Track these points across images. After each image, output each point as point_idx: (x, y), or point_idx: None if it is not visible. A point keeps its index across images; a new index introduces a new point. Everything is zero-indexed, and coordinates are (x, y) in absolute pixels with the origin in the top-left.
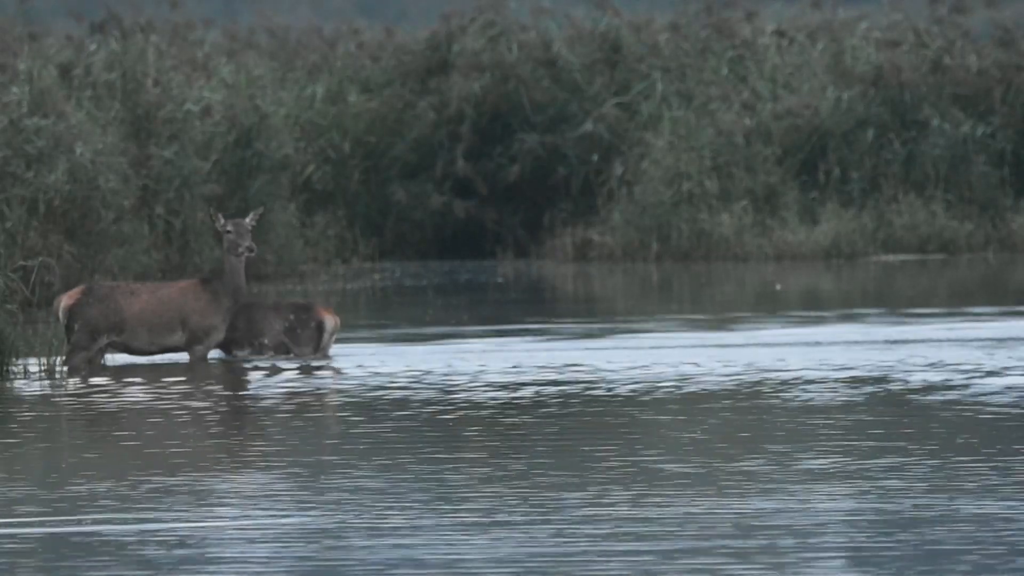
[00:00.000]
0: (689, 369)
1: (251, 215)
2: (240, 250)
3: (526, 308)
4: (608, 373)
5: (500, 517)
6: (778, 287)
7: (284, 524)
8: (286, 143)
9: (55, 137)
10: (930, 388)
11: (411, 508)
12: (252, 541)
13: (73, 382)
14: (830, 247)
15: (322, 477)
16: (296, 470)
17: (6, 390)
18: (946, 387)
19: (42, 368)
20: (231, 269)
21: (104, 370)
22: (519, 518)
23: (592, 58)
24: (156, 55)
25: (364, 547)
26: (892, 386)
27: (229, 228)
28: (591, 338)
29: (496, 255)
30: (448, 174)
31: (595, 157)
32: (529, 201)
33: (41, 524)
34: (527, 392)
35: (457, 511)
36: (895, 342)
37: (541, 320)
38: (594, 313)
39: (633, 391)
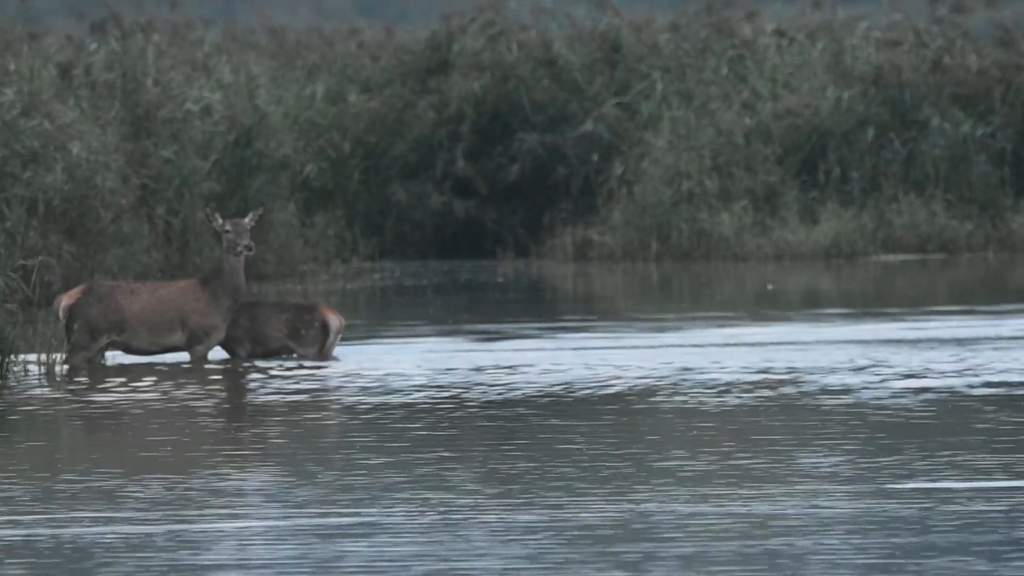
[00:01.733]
0: (621, 371)
1: (250, 215)
2: (239, 249)
3: (524, 308)
4: (592, 372)
5: (501, 517)
6: (770, 287)
7: (282, 525)
8: (285, 143)
9: (44, 136)
10: (834, 390)
11: (411, 508)
12: (251, 542)
13: (73, 382)
14: (830, 247)
15: (318, 478)
16: (296, 470)
17: (5, 389)
18: (848, 389)
19: (42, 367)
20: (230, 269)
21: (103, 370)
22: (519, 518)
23: (592, 58)
24: (156, 54)
25: (364, 547)
26: (798, 388)
27: (228, 228)
28: (575, 336)
29: (496, 255)
30: (448, 174)
31: (595, 157)
32: (529, 201)
33: (39, 524)
34: (526, 391)
35: (457, 511)
36: (855, 342)
37: (539, 320)
38: (593, 313)
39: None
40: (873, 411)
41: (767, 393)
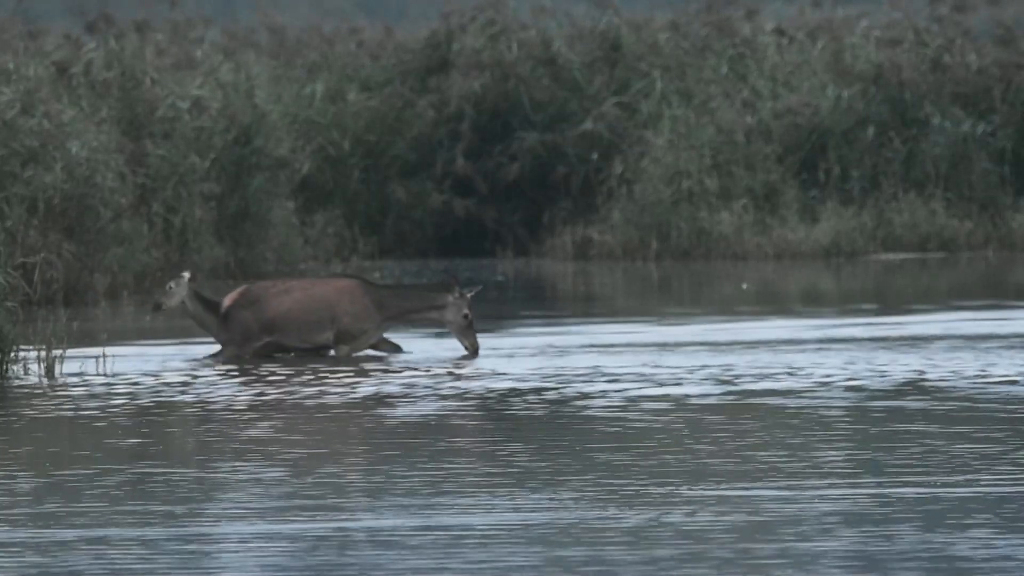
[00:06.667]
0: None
1: (472, 290)
2: (465, 340)
3: (524, 306)
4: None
5: (503, 517)
6: (744, 287)
7: (284, 528)
8: (284, 141)
9: (43, 135)
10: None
11: (409, 508)
12: (251, 542)
13: (73, 381)
14: (830, 246)
15: (310, 479)
16: (296, 470)
17: (5, 387)
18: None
19: (41, 364)
20: (422, 309)
21: (106, 369)
22: (520, 517)
23: (592, 56)
24: (155, 53)
25: (365, 547)
26: (546, 396)
27: (466, 309)
28: (558, 335)
29: (496, 254)
30: (448, 173)
31: (595, 156)
32: (529, 200)
33: (39, 522)
34: (526, 390)
35: (453, 510)
36: (723, 344)
37: (540, 318)
38: (593, 312)
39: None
40: (585, 418)
41: (514, 399)
